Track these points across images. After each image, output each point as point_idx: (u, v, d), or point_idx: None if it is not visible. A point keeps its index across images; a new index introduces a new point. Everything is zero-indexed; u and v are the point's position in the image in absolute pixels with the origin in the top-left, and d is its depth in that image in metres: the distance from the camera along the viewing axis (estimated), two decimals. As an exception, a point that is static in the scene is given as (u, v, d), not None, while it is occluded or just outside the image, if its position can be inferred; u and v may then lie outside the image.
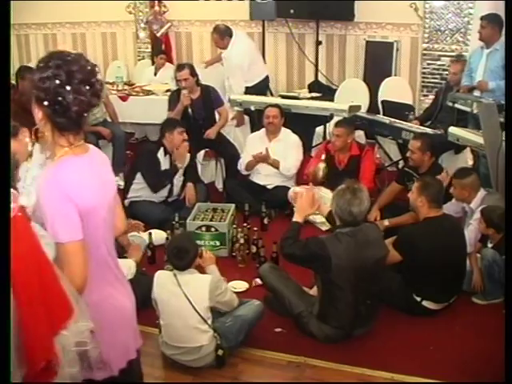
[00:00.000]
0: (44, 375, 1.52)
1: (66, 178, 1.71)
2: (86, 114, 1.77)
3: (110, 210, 1.89)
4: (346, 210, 3.13)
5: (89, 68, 1.74)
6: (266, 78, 6.37)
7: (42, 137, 1.79)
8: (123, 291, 1.98)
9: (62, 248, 1.65)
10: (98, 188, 1.80)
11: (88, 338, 1.62)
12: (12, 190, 1.40)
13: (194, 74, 5.32)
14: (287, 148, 5.13)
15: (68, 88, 1.68)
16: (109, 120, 5.92)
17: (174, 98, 5.43)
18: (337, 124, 4.96)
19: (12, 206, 1.38)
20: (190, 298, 2.95)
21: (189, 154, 4.86)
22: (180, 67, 5.35)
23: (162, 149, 4.77)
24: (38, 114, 1.74)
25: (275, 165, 5.08)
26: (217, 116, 5.58)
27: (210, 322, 3.01)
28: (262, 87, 6.26)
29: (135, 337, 2.03)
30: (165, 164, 4.79)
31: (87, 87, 1.71)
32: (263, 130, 5.27)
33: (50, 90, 1.68)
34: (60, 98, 1.68)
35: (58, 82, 1.67)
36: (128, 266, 3.31)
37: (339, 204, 3.15)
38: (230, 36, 5.96)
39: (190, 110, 5.35)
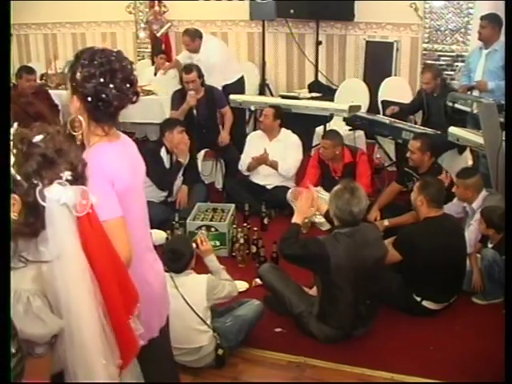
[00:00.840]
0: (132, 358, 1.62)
1: (103, 161, 1.82)
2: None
3: (142, 191, 2.01)
4: (346, 211, 3.12)
5: (129, 66, 1.86)
6: (242, 78, 6.25)
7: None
8: (150, 271, 2.04)
9: (105, 225, 1.65)
10: (131, 171, 1.92)
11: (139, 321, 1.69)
12: (83, 187, 1.42)
13: (200, 75, 5.32)
14: (287, 148, 5.13)
15: (111, 86, 1.79)
16: None
17: (177, 97, 5.42)
18: (323, 136, 4.97)
19: (83, 202, 1.40)
20: (188, 299, 2.94)
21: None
22: (188, 69, 5.32)
23: (163, 148, 4.79)
24: (75, 104, 1.84)
25: (274, 166, 5.09)
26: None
27: (208, 321, 3.01)
28: (238, 86, 6.15)
29: (159, 316, 2.09)
30: (167, 163, 4.80)
31: (128, 85, 1.83)
32: None
33: (94, 87, 1.78)
34: (103, 95, 1.79)
35: (102, 80, 1.78)
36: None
37: (339, 205, 3.14)
38: (201, 38, 5.92)
39: (194, 111, 5.35)
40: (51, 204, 1.36)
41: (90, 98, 1.80)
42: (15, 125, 1.44)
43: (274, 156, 5.09)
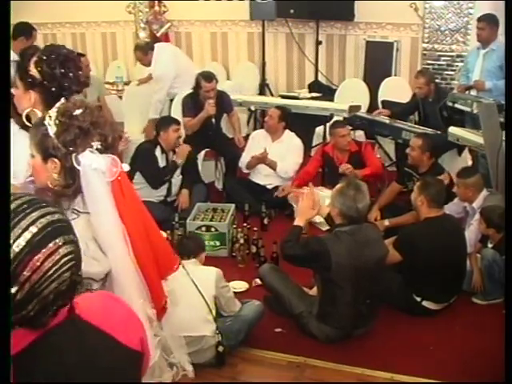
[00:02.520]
0: (163, 312, 1.90)
1: None
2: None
3: None
4: (352, 208, 3.11)
5: (76, 55, 2.10)
6: None
7: None
8: None
9: None
10: None
11: None
12: (113, 156, 1.64)
13: (217, 81, 5.30)
14: (288, 150, 5.13)
15: (71, 75, 2.00)
16: None
17: (189, 103, 5.31)
18: (336, 125, 4.96)
19: (114, 170, 1.62)
20: (198, 285, 3.00)
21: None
22: (208, 78, 5.19)
23: (158, 147, 4.79)
24: (30, 98, 2.02)
25: (272, 166, 5.09)
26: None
27: (214, 312, 3.04)
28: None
29: None
30: (162, 162, 4.80)
31: (80, 72, 2.07)
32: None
33: (50, 76, 1.98)
34: (66, 84, 1.99)
35: (62, 70, 1.99)
36: None
37: (345, 202, 3.12)
38: (152, 50, 5.89)
39: (213, 119, 5.33)
40: (85, 168, 1.60)
41: (53, 89, 1.98)
42: (62, 99, 1.74)
43: (274, 157, 5.09)
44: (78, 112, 1.61)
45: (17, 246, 0.98)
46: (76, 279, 1.07)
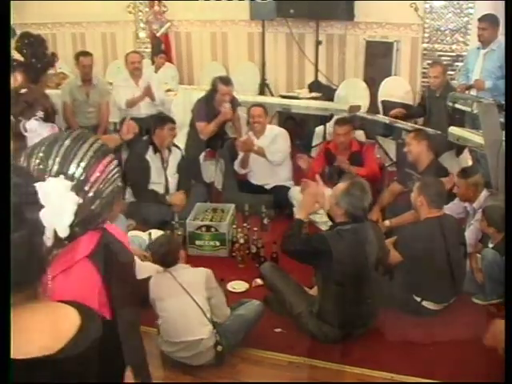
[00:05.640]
0: None
1: None
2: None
3: None
4: (359, 207, 3.13)
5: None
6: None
7: None
8: None
9: None
10: None
11: None
12: (52, 123, 2.09)
13: (233, 86, 5.28)
14: (273, 140, 5.10)
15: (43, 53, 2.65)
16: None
17: (203, 107, 5.25)
18: (339, 123, 4.94)
19: None
20: (188, 288, 2.96)
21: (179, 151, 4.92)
22: (226, 81, 5.19)
23: (150, 148, 4.75)
24: (16, 79, 2.58)
25: (260, 152, 5.04)
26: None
27: (209, 315, 3.01)
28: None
29: None
30: (154, 163, 4.76)
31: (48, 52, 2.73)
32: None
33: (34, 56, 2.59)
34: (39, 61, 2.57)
35: (38, 50, 2.68)
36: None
37: (351, 202, 3.12)
38: None
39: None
40: (31, 134, 1.97)
41: (39, 65, 2.64)
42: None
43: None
44: (23, 91, 2.09)
45: (87, 158, 1.32)
46: (119, 185, 1.43)
